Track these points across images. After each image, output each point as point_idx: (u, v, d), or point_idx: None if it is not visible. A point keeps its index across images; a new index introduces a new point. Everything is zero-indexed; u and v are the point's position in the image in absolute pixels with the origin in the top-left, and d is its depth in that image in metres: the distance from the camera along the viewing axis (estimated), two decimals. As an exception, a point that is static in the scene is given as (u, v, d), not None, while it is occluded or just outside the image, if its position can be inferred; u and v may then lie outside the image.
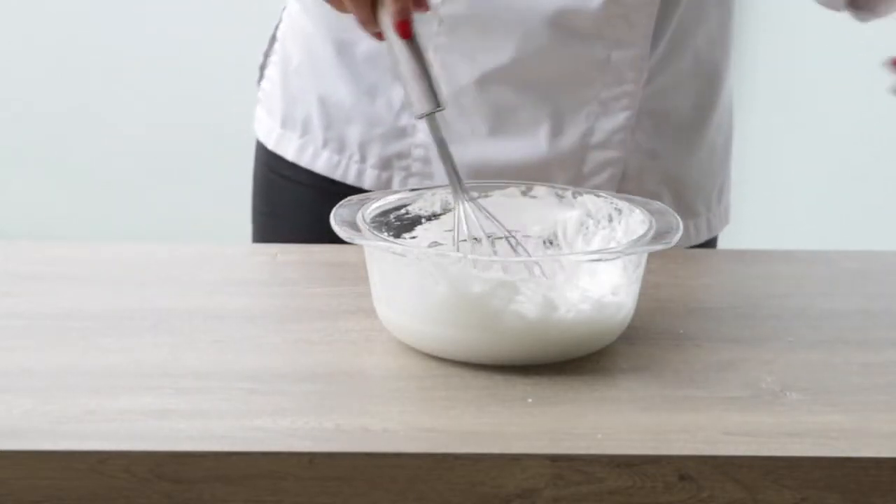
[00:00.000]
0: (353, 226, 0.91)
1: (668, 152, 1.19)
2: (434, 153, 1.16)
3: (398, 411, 0.82)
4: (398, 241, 0.96)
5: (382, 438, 0.78)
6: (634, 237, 0.92)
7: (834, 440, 0.79)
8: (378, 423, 0.79)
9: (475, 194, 0.98)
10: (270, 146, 1.24)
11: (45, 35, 2.94)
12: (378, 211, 0.97)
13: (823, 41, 2.09)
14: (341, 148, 1.20)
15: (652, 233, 0.91)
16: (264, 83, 1.28)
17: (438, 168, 1.17)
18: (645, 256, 0.92)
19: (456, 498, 0.76)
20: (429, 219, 1.00)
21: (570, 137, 1.15)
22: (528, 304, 0.87)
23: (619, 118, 1.16)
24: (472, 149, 1.15)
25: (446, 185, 0.98)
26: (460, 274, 0.88)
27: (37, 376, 0.85)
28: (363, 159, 1.19)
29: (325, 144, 1.21)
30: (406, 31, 0.96)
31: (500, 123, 1.14)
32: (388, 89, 1.17)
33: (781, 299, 1.02)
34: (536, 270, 0.91)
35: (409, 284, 0.89)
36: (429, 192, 1.01)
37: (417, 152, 1.18)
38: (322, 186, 1.21)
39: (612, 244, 0.96)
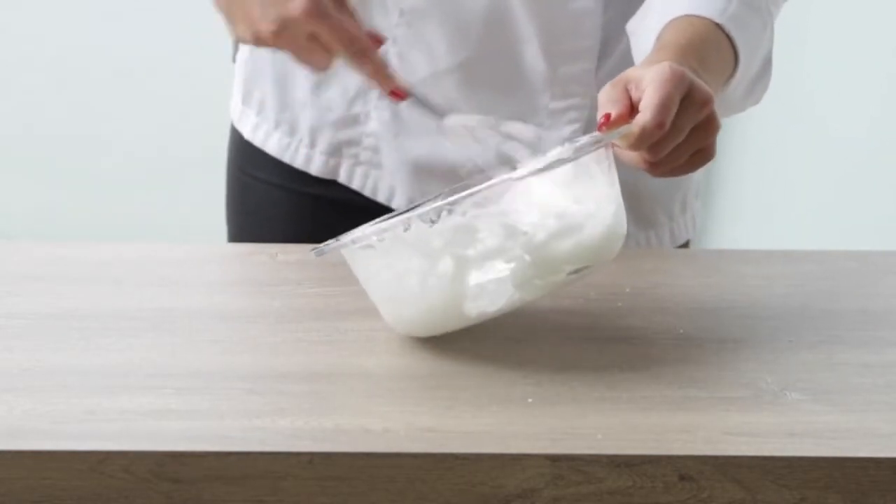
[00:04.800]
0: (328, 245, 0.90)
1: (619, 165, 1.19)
2: (384, 143, 1.16)
3: (398, 411, 0.81)
4: (350, 233, 0.92)
5: (382, 438, 0.78)
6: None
7: (833, 440, 0.79)
8: (378, 423, 0.79)
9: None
10: (235, 122, 1.26)
11: (45, 37, 2.94)
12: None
13: (823, 39, 2.09)
14: (292, 131, 1.21)
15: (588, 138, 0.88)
16: (238, 58, 1.28)
17: (387, 158, 1.17)
18: (606, 159, 0.89)
19: (456, 498, 0.76)
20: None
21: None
22: (491, 238, 0.85)
23: (567, 131, 1.15)
24: (424, 142, 1.16)
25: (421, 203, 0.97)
26: (417, 235, 0.85)
27: (37, 376, 0.84)
28: (312, 144, 1.20)
29: (276, 126, 1.22)
30: (403, 95, 0.95)
31: None
32: (344, 76, 1.17)
33: (781, 299, 1.02)
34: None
35: (389, 276, 0.88)
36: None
37: (368, 141, 1.18)
38: (292, 187, 1.21)
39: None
